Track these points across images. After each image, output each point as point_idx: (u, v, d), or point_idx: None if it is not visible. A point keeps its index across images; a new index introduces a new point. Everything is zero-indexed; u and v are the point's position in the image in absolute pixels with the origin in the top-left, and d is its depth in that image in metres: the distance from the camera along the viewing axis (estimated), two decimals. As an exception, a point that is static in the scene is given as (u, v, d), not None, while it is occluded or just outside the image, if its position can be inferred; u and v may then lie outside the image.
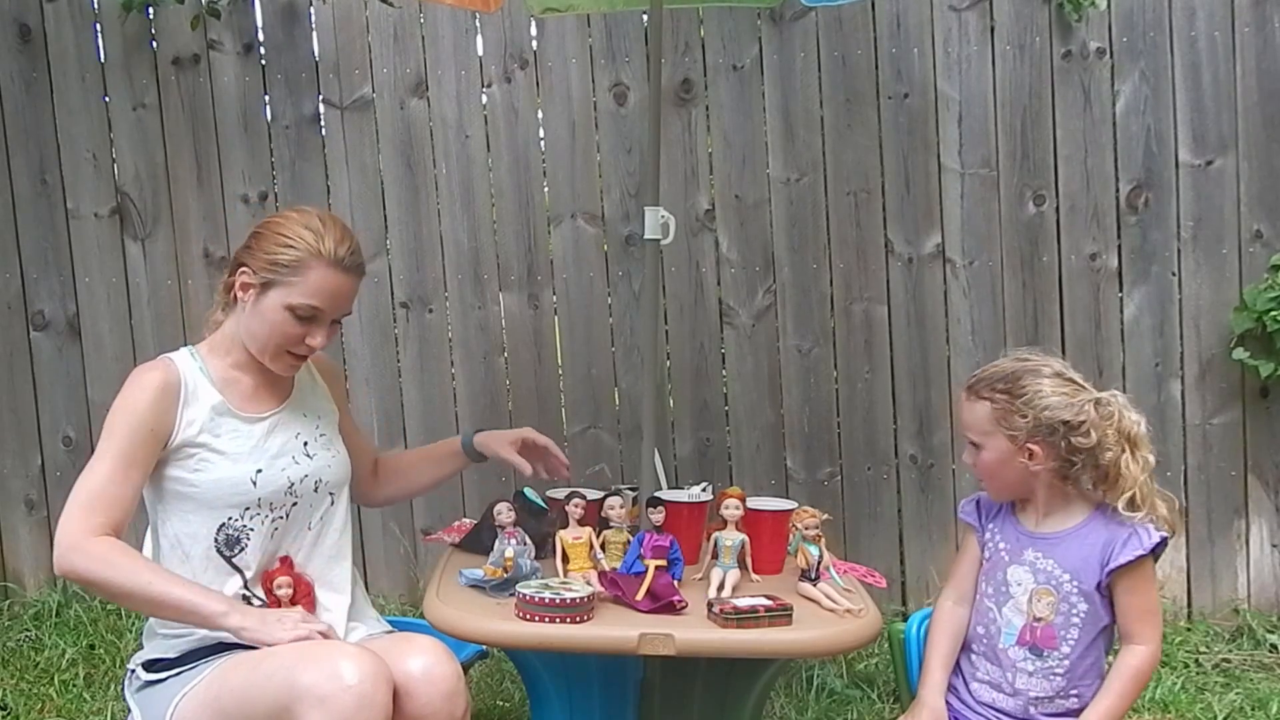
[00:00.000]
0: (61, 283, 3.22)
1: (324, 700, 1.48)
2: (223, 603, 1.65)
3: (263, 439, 1.80)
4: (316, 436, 1.88)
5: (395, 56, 3.14)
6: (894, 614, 3.04)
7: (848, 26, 3.08)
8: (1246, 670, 2.87)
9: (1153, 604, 1.72)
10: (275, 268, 1.74)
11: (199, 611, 1.63)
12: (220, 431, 1.76)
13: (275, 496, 1.78)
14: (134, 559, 1.65)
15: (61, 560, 1.63)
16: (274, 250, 1.75)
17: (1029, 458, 1.71)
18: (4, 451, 3.26)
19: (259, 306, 1.76)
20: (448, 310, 3.18)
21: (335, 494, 1.89)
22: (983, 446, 1.76)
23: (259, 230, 1.80)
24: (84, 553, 1.62)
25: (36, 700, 2.71)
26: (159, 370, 1.74)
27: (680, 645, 1.69)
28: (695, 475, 3.03)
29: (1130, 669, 1.69)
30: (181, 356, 1.81)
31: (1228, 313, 3.04)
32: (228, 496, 1.74)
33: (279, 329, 1.76)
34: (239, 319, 1.81)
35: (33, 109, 3.19)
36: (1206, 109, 3.04)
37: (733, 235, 3.13)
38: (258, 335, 1.78)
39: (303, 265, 1.74)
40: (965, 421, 1.79)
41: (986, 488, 1.82)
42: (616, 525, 1.98)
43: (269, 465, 1.78)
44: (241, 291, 1.78)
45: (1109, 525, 1.72)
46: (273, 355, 1.79)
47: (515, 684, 2.72)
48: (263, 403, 1.83)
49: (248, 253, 1.79)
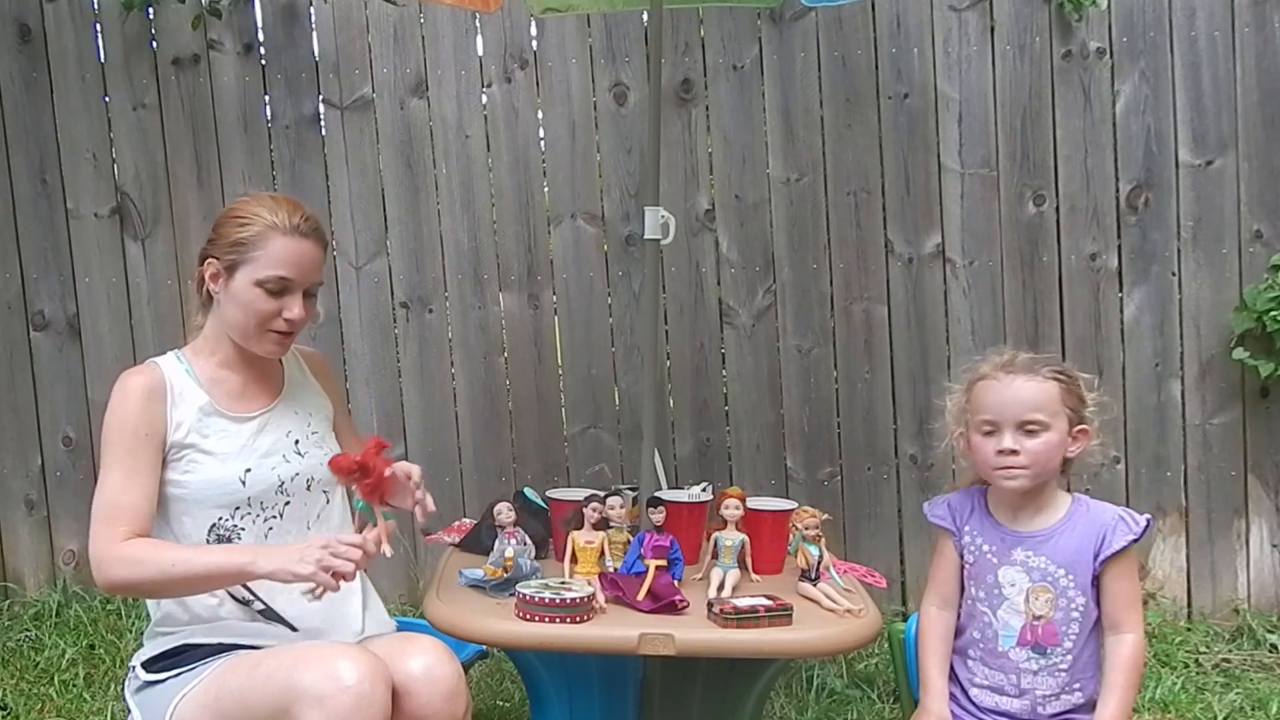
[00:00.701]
0: (61, 283, 3.23)
1: (322, 701, 1.48)
2: (246, 554, 1.65)
3: (252, 438, 1.79)
4: (309, 434, 1.87)
5: (395, 56, 3.14)
6: (894, 614, 3.04)
7: (848, 26, 3.08)
8: (1246, 670, 2.87)
9: (1138, 590, 1.75)
10: (236, 248, 1.75)
11: (230, 573, 1.64)
12: (208, 432, 1.75)
13: (266, 495, 1.77)
14: (157, 550, 1.66)
15: (99, 577, 1.65)
16: (232, 232, 1.76)
17: (1075, 440, 1.73)
18: (4, 451, 3.26)
19: (231, 291, 1.76)
20: (448, 310, 3.18)
21: (329, 492, 1.88)
22: (1048, 428, 1.70)
23: (216, 222, 1.82)
24: (114, 561, 1.64)
25: (36, 700, 2.71)
26: (142, 375, 1.75)
27: (680, 645, 1.69)
28: (695, 475, 3.03)
29: (1128, 660, 1.70)
30: (167, 360, 1.81)
31: (1228, 313, 3.04)
32: (217, 496, 1.74)
33: (254, 307, 1.76)
34: (218, 314, 1.81)
35: (33, 109, 3.19)
36: (1206, 109, 3.04)
37: (733, 235, 3.13)
38: (237, 320, 1.78)
39: (261, 239, 1.75)
40: (1033, 401, 1.70)
41: (1024, 476, 1.70)
42: (616, 525, 1.98)
43: (258, 464, 1.77)
44: (212, 283, 1.78)
45: (1091, 514, 1.74)
46: (256, 337, 1.78)
47: (515, 684, 2.72)
48: (252, 401, 1.83)
49: (210, 245, 1.80)
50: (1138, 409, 3.07)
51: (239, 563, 1.63)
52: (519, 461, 3.19)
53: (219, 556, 1.66)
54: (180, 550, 1.68)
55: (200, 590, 1.70)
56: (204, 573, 1.64)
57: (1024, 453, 1.69)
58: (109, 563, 1.64)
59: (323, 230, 1.84)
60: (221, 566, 1.64)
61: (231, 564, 1.63)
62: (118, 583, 1.65)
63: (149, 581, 1.65)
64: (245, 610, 1.75)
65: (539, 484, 2.29)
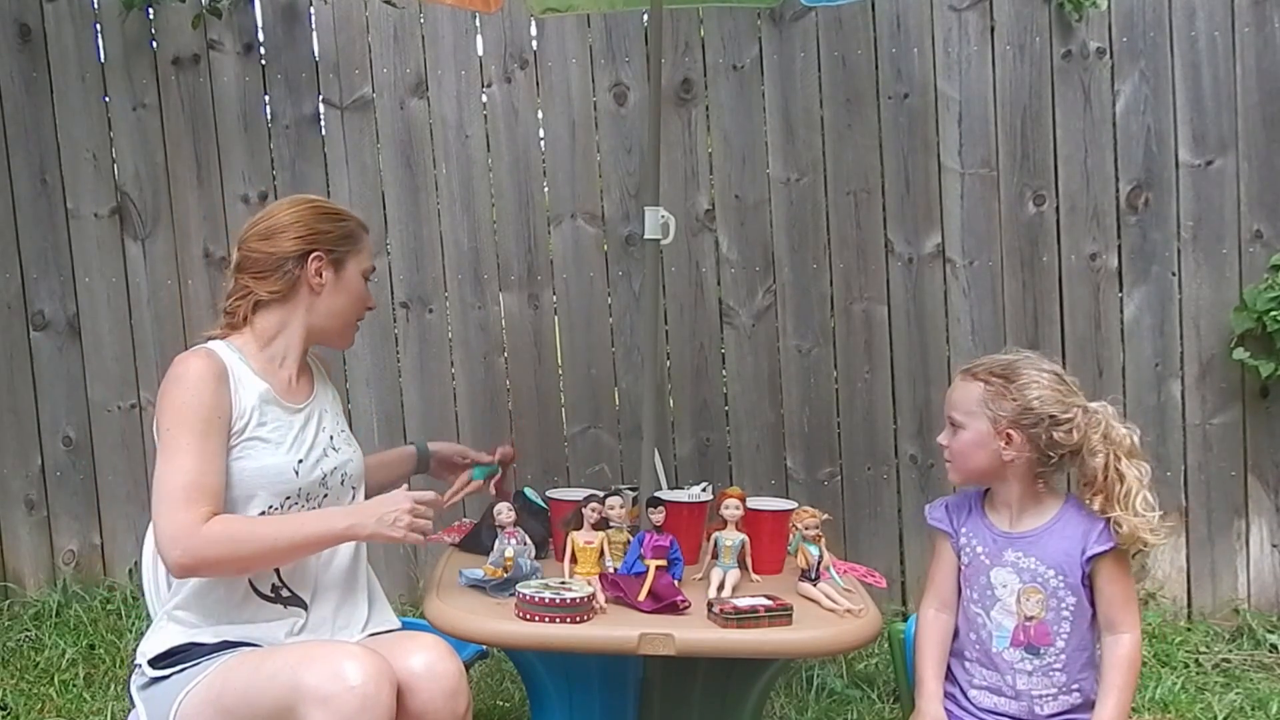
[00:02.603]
0: (61, 283, 3.22)
1: (327, 700, 1.49)
2: (341, 518, 1.73)
3: (301, 429, 1.82)
4: (339, 431, 1.92)
5: (395, 56, 3.14)
6: (894, 614, 3.04)
7: (848, 26, 3.08)
8: (1246, 670, 2.87)
9: (1132, 590, 1.75)
10: (345, 240, 1.87)
11: (327, 538, 1.73)
12: (266, 419, 1.77)
13: (311, 488, 1.80)
14: (255, 525, 1.71)
15: (186, 558, 1.63)
16: (334, 227, 1.87)
17: (1006, 442, 1.72)
18: (4, 451, 3.26)
19: (341, 282, 1.86)
20: (448, 310, 3.18)
21: (357, 488, 1.93)
22: (963, 427, 1.76)
23: (302, 219, 1.83)
24: (206, 541, 1.63)
25: (36, 700, 2.71)
26: (203, 359, 1.74)
27: (680, 645, 1.69)
28: (695, 475, 3.03)
29: (1124, 659, 1.70)
30: (220, 347, 1.80)
31: (1228, 313, 3.04)
32: (271, 485, 1.74)
33: (360, 296, 1.91)
34: (302, 308, 1.84)
35: (33, 109, 3.19)
36: (1206, 109, 3.04)
37: (733, 235, 3.13)
38: (343, 311, 1.88)
39: (357, 234, 1.91)
40: (953, 400, 1.80)
41: (951, 470, 1.81)
42: (616, 525, 1.98)
43: (308, 455, 1.80)
44: (317, 277, 1.83)
45: (1081, 514, 1.74)
46: (352, 325, 1.93)
47: (515, 684, 2.72)
48: (298, 394, 1.86)
49: (309, 239, 1.82)
50: (1138, 409, 3.06)
51: (339, 528, 1.71)
52: (519, 461, 3.19)
53: (314, 525, 1.72)
54: (274, 523, 1.72)
55: (292, 560, 1.76)
56: (303, 541, 1.71)
57: (948, 447, 1.80)
58: (198, 543, 1.62)
59: None
60: (321, 535, 1.72)
61: (331, 530, 1.72)
62: (209, 561, 1.65)
63: (246, 557, 1.68)
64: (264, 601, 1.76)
65: (539, 484, 2.29)
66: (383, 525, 1.68)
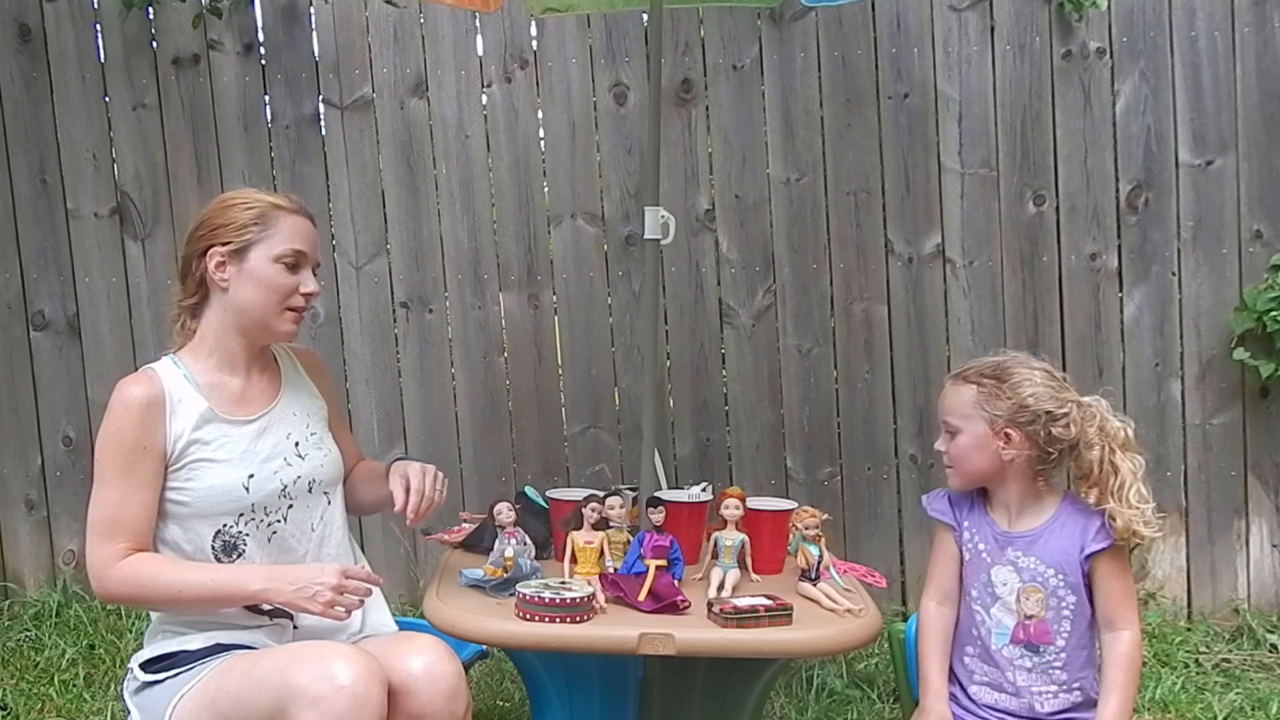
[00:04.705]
0: (61, 283, 3.22)
1: (317, 701, 1.49)
2: (256, 581, 1.68)
3: (253, 442, 1.78)
4: (308, 435, 1.86)
5: (395, 56, 3.14)
6: (894, 614, 3.04)
7: (848, 26, 3.08)
8: (1246, 670, 2.87)
9: (1131, 587, 1.75)
10: (246, 229, 1.77)
11: (237, 596, 1.69)
12: (209, 438, 1.74)
13: (269, 501, 1.77)
14: (161, 571, 1.69)
15: (99, 589, 1.70)
16: (236, 217, 1.78)
17: (1005, 442, 1.73)
18: (4, 451, 3.26)
19: (245, 273, 1.77)
20: (448, 310, 3.18)
21: (330, 493, 1.88)
22: (960, 431, 1.77)
23: (207, 217, 1.81)
24: (115, 580, 1.67)
25: (36, 700, 2.71)
26: (140, 385, 1.73)
27: (680, 645, 1.69)
28: (695, 475, 3.03)
29: (1125, 657, 1.70)
30: (164, 366, 1.79)
31: (1228, 313, 3.04)
32: (221, 504, 1.73)
33: (273, 283, 1.77)
34: (220, 309, 1.80)
35: (33, 109, 3.19)
36: (1206, 109, 3.04)
37: (733, 235, 3.13)
38: (255, 301, 1.77)
39: (270, 217, 1.78)
40: (947, 406, 1.80)
41: (952, 475, 1.81)
42: (616, 525, 1.98)
43: (260, 469, 1.77)
44: (219, 272, 1.77)
45: (1079, 511, 1.74)
46: (276, 317, 1.79)
47: (515, 684, 2.72)
48: (251, 404, 1.82)
49: (205, 237, 1.78)
50: (1138, 409, 3.06)
51: (249, 591, 1.67)
52: (519, 461, 3.19)
53: (225, 580, 1.69)
54: (186, 571, 1.70)
55: (204, 610, 1.72)
56: (211, 596, 1.68)
57: (946, 453, 1.79)
58: (110, 580, 1.68)
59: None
60: (231, 593, 1.68)
61: (243, 589, 1.68)
62: (119, 598, 1.70)
63: (152, 601, 1.70)
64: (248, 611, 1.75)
65: (539, 484, 2.29)
66: (299, 596, 1.64)
